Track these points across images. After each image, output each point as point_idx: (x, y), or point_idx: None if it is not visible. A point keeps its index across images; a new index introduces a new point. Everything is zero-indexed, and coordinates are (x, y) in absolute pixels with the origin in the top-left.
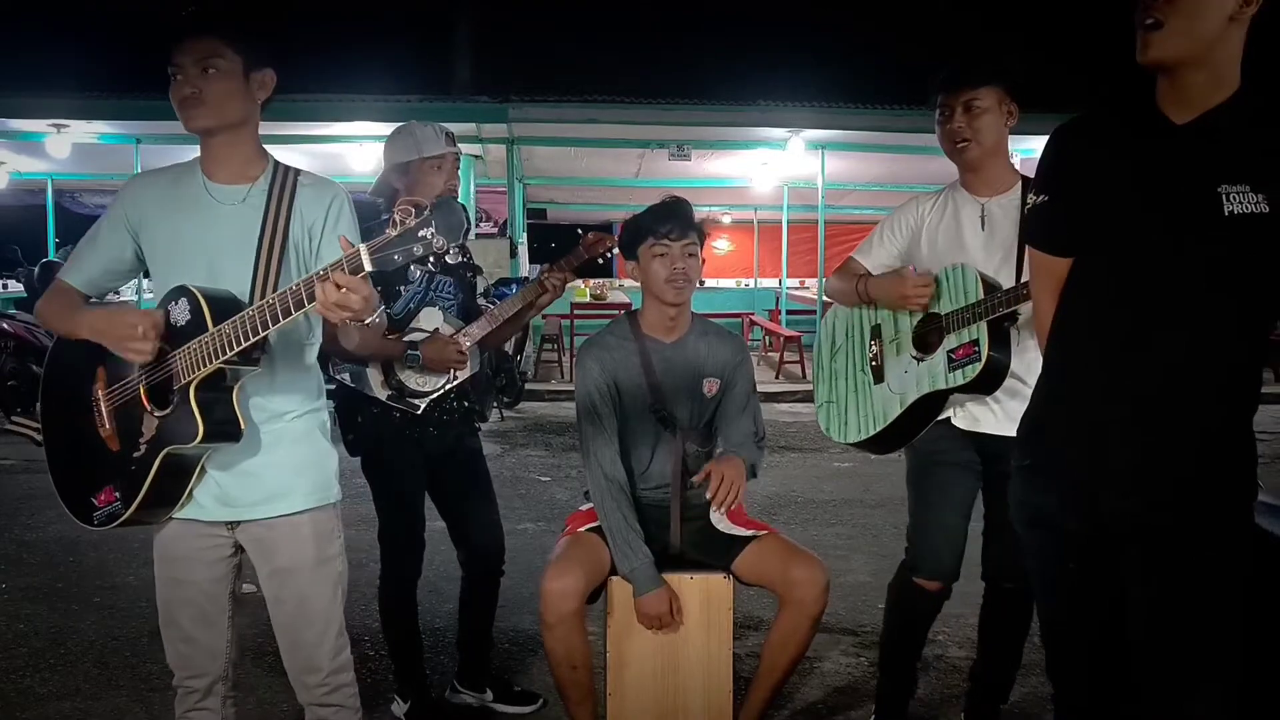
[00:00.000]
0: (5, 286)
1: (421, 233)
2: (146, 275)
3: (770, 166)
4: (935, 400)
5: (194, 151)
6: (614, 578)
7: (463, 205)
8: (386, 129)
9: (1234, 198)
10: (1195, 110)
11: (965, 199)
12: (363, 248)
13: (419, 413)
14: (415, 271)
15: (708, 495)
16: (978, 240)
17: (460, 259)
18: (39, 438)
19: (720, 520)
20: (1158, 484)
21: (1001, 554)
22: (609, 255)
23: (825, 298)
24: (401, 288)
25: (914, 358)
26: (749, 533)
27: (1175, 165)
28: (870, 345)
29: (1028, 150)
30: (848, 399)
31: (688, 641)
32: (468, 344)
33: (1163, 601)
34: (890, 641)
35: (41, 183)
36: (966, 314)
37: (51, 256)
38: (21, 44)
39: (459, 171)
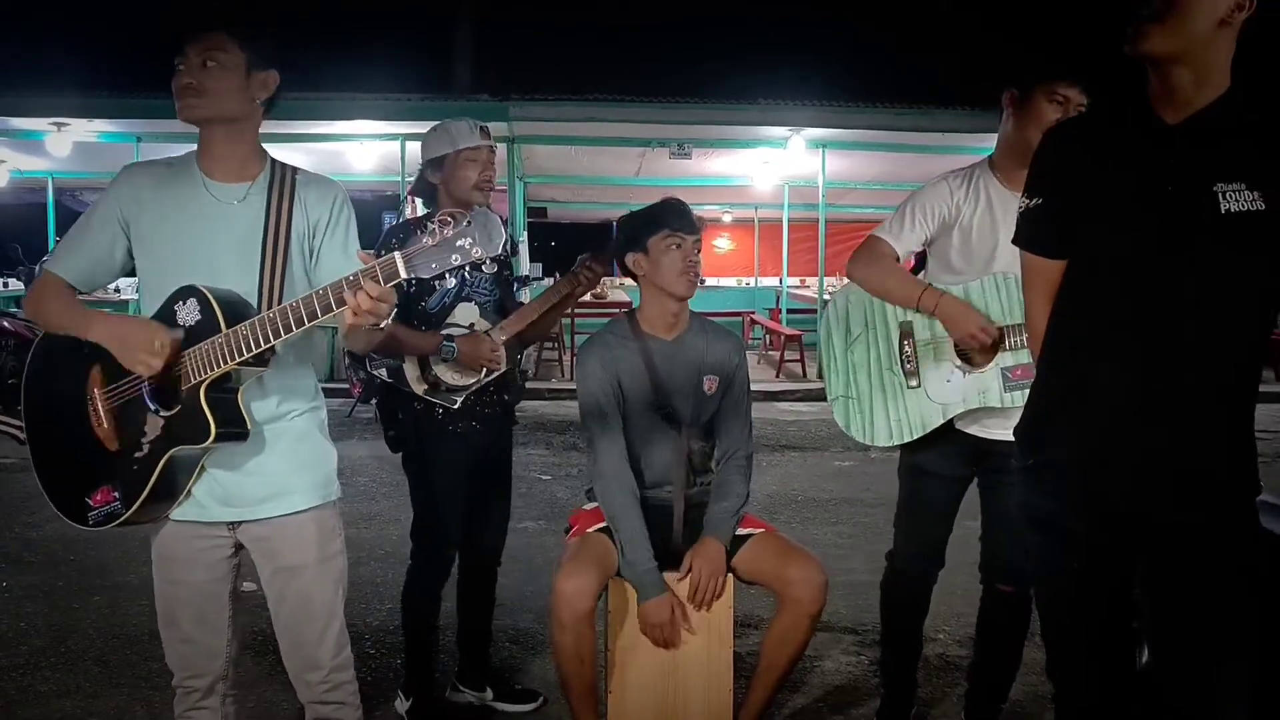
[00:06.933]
0: (5, 285)
1: (460, 242)
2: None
3: (771, 165)
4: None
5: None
6: (616, 577)
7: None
8: (387, 128)
9: (1230, 196)
10: (1186, 111)
11: (1003, 194)
12: (398, 255)
13: (455, 408)
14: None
15: (688, 597)
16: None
17: (499, 259)
18: (22, 436)
19: None
20: (1165, 482)
21: (993, 554)
22: None
23: (852, 279)
24: (436, 282)
25: (958, 368)
26: (746, 531)
27: (1171, 165)
28: (903, 344)
29: None
30: (873, 398)
31: (688, 640)
32: (503, 339)
33: (1176, 597)
34: (886, 637)
35: (42, 181)
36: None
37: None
38: (22, 43)
39: (494, 164)
